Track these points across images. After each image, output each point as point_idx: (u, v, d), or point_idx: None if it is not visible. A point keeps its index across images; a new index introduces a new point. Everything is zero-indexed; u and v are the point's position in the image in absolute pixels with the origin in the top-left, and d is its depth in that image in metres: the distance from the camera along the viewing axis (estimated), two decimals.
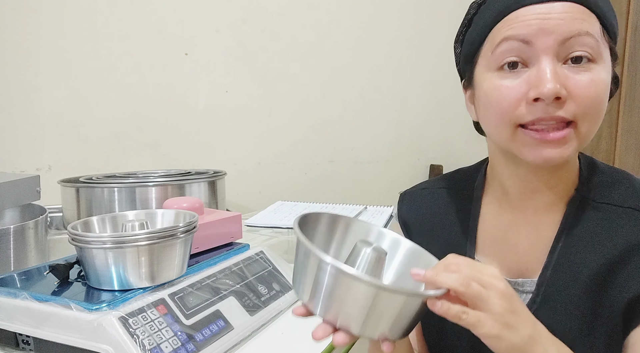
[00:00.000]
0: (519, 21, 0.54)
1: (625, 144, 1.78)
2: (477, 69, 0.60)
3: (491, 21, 0.57)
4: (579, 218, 0.60)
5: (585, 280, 0.57)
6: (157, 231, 0.62)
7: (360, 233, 0.57)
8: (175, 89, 1.61)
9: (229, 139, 1.68)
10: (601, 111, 0.54)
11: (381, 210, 1.19)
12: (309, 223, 0.52)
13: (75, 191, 1.15)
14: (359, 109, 1.78)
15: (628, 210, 0.58)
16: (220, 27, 1.62)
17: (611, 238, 0.57)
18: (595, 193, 0.61)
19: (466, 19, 0.63)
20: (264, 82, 1.69)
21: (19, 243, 0.81)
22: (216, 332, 0.64)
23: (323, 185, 1.77)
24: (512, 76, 0.55)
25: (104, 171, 1.47)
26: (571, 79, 0.52)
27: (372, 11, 1.74)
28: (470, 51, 0.61)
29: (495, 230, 0.67)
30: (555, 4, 0.53)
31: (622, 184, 0.61)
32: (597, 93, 0.53)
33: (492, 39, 0.57)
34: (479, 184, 0.71)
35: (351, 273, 0.41)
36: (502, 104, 0.55)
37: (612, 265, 0.56)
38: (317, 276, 0.43)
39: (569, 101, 0.52)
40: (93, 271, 0.62)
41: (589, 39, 0.52)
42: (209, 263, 0.76)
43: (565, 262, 0.59)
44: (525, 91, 0.53)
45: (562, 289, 0.58)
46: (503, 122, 0.56)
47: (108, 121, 1.55)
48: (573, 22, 0.52)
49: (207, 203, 1.25)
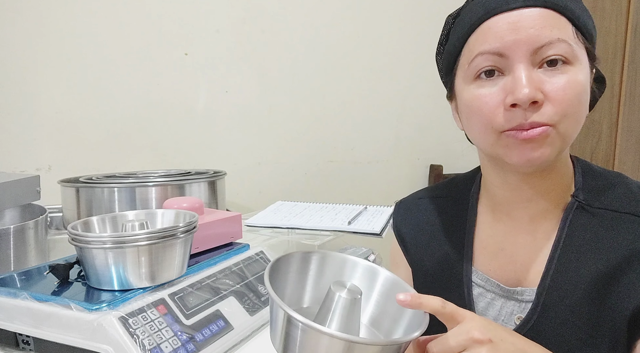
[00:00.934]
0: (492, 33, 0.54)
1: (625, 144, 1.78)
2: (457, 81, 0.61)
3: (465, 33, 0.58)
4: (576, 225, 0.59)
5: (585, 288, 0.56)
6: (157, 231, 0.62)
7: (335, 266, 0.56)
8: (175, 89, 1.61)
9: (229, 139, 1.68)
10: (580, 112, 0.55)
11: (381, 210, 1.19)
12: (280, 268, 0.51)
13: (75, 191, 1.15)
14: (359, 109, 1.78)
15: (626, 216, 0.57)
16: (220, 27, 1.62)
17: (610, 245, 0.57)
18: (591, 198, 0.60)
19: (443, 33, 0.64)
20: (264, 82, 1.69)
21: (19, 243, 0.81)
22: (216, 332, 0.64)
23: (323, 185, 1.77)
24: (489, 84, 0.56)
25: (104, 171, 1.47)
26: (547, 83, 0.53)
27: (372, 11, 1.74)
28: (449, 63, 0.62)
29: (491, 239, 0.66)
30: (525, 10, 0.53)
31: (619, 188, 0.61)
32: (575, 94, 0.53)
33: (467, 52, 0.58)
34: (474, 192, 0.71)
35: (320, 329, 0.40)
36: (482, 112, 0.56)
37: (612, 272, 0.55)
38: (287, 330, 0.43)
39: (546, 104, 0.53)
40: (93, 271, 0.62)
41: (562, 45, 0.52)
42: (209, 263, 0.76)
43: (564, 270, 0.58)
44: (503, 98, 0.54)
45: (562, 298, 0.58)
46: (486, 130, 0.57)
47: (108, 121, 1.55)
48: (543, 31, 0.52)
49: (207, 203, 1.25)
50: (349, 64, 1.74)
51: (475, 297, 0.66)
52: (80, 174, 1.31)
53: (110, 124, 1.56)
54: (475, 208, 0.69)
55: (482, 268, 0.66)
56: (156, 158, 1.61)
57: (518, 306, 0.62)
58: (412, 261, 0.75)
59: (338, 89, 1.75)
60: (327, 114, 1.75)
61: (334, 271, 0.55)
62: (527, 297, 0.61)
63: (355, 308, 0.47)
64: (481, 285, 0.66)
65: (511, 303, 0.63)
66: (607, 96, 1.79)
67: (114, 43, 1.53)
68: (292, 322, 0.42)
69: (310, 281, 0.55)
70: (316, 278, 0.55)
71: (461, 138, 0.71)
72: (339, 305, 0.46)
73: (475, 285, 0.66)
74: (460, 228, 0.69)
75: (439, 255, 0.70)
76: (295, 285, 0.53)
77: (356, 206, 1.24)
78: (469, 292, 0.66)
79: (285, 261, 0.52)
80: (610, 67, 1.77)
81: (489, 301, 0.65)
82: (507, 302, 0.63)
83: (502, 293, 0.64)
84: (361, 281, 0.54)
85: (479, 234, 0.68)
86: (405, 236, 0.76)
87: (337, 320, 0.46)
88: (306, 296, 0.54)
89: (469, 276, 0.66)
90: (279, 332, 0.44)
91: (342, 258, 0.56)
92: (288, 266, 0.53)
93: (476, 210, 0.69)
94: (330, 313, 0.46)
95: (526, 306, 0.61)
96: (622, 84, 1.77)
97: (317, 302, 0.51)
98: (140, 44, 1.56)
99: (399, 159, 1.83)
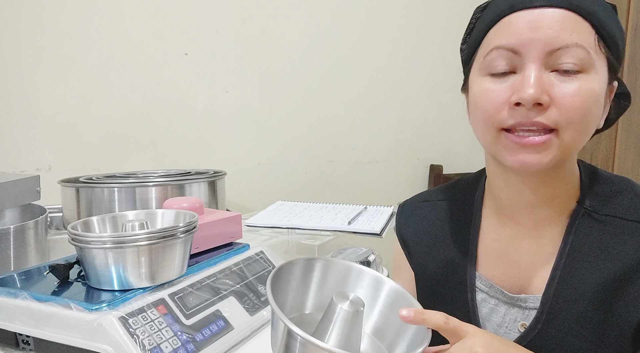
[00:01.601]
0: (511, 28, 0.54)
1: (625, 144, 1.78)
2: (472, 73, 0.61)
3: (486, 26, 0.57)
4: (582, 232, 0.58)
5: (591, 297, 0.55)
6: (157, 231, 0.62)
7: (340, 273, 0.55)
8: (175, 89, 1.61)
9: (229, 139, 1.68)
10: (588, 122, 0.53)
11: (381, 210, 1.19)
12: (282, 275, 0.51)
13: (75, 191, 1.14)
14: (358, 109, 1.78)
15: (633, 223, 0.56)
16: (220, 27, 1.62)
17: (617, 253, 0.56)
18: (597, 204, 0.59)
19: (471, 24, 0.63)
20: (264, 82, 1.69)
21: (19, 243, 0.81)
22: (216, 332, 0.64)
23: (323, 185, 1.77)
24: (499, 81, 0.55)
25: (104, 171, 1.47)
26: (556, 87, 0.52)
27: (373, 11, 1.74)
28: (469, 54, 0.62)
29: (496, 244, 0.65)
30: (548, 10, 0.52)
31: (626, 194, 0.59)
32: (583, 103, 0.51)
33: (485, 44, 0.57)
34: (479, 195, 0.69)
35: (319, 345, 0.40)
36: (487, 107, 0.55)
37: (619, 281, 0.54)
38: (287, 342, 0.43)
39: (552, 108, 0.52)
40: (93, 271, 0.62)
41: (579, 51, 0.51)
42: (209, 263, 0.76)
43: (569, 278, 0.57)
44: (509, 96, 0.53)
45: (567, 306, 0.57)
46: (487, 126, 0.56)
47: (108, 121, 1.55)
48: (561, 33, 0.51)
49: (207, 203, 1.25)
50: (349, 64, 1.74)
51: (478, 303, 0.65)
52: (80, 174, 1.31)
53: (110, 124, 1.56)
54: (480, 212, 0.68)
55: (486, 273, 0.66)
56: (156, 158, 1.61)
57: (522, 314, 0.61)
58: (415, 265, 0.74)
59: (338, 89, 1.75)
60: (327, 114, 1.75)
61: (338, 278, 0.55)
62: (531, 304, 0.60)
63: (356, 321, 0.46)
64: (485, 291, 0.65)
65: (515, 310, 0.62)
66: None
67: (114, 43, 1.53)
68: (292, 335, 0.42)
69: (313, 288, 0.54)
70: (320, 284, 0.54)
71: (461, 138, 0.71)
72: (340, 317, 0.46)
73: (479, 290, 0.65)
74: (464, 232, 0.68)
75: (443, 259, 0.69)
76: (297, 291, 0.53)
77: (356, 206, 1.24)
78: (472, 297, 0.65)
79: (288, 268, 0.52)
80: None
81: (492, 306, 0.64)
82: (510, 309, 0.62)
83: (505, 299, 0.63)
84: (366, 290, 0.54)
85: (483, 238, 0.67)
86: (408, 240, 0.75)
87: (337, 332, 0.46)
88: (309, 303, 0.54)
89: (472, 281, 0.66)
90: (278, 342, 0.44)
91: (347, 265, 0.55)
92: (291, 273, 0.53)
93: (481, 214, 0.68)
94: (331, 324, 0.46)
95: (530, 313, 0.60)
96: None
97: (320, 309, 0.51)
98: (140, 44, 1.56)
99: (399, 159, 1.83)
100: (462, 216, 0.70)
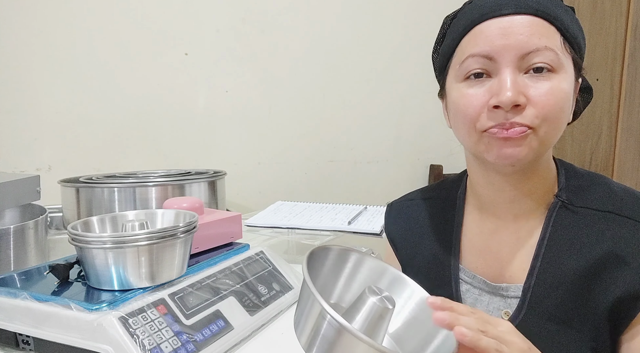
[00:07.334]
0: (483, 36, 0.57)
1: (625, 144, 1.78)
2: (448, 79, 0.64)
3: (459, 35, 0.60)
4: (560, 223, 0.62)
5: (569, 284, 0.58)
6: (157, 231, 0.62)
7: (373, 272, 0.54)
8: (175, 89, 1.61)
9: (229, 139, 1.68)
10: (561, 118, 0.57)
11: (381, 210, 1.19)
12: (315, 259, 0.49)
13: (75, 191, 1.15)
14: (359, 109, 1.78)
15: (607, 214, 0.60)
16: (220, 27, 1.62)
17: (593, 243, 0.59)
18: (573, 197, 0.63)
19: (441, 33, 0.67)
20: (264, 82, 1.69)
21: (19, 243, 0.81)
22: (216, 332, 0.64)
23: (323, 185, 1.77)
24: (477, 85, 0.58)
25: (104, 171, 1.47)
26: (531, 88, 0.55)
27: (373, 11, 1.74)
28: (443, 62, 0.65)
29: (477, 238, 0.69)
30: (516, 17, 0.55)
31: (600, 187, 0.63)
32: (557, 101, 0.55)
33: (459, 53, 0.61)
34: (461, 193, 0.73)
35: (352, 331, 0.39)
36: (467, 111, 0.58)
37: (594, 268, 0.57)
38: (317, 323, 0.41)
39: (528, 108, 0.55)
40: (93, 271, 0.62)
41: (548, 53, 0.55)
42: (209, 263, 0.76)
43: (549, 268, 0.60)
44: (488, 99, 0.57)
45: (547, 294, 0.60)
46: (469, 129, 0.59)
47: (108, 121, 1.55)
48: (532, 38, 0.55)
49: (207, 203, 1.25)
50: (349, 64, 1.74)
51: (463, 293, 0.68)
52: (80, 174, 1.31)
53: (110, 124, 1.56)
54: (463, 208, 0.72)
55: (469, 266, 0.69)
56: (156, 158, 1.61)
57: (504, 302, 0.64)
58: (402, 259, 0.78)
59: (338, 89, 1.75)
60: (327, 114, 1.75)
61: (370, 276, 0.53)
62: (512, 293, 0.63)
63: (384, 318, 0.45)
64: (468, 282, 0.68)
65: (497, 298, 0.65)
66: (607, 96, 1.79)
67: (114, 43, 1.53)
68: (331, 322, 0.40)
69: (342, 279, 0.53)
70: (349, 277, 0.54)
71: None
72: (369, 309, 0.45)
73: (463, 281, 0.69)
74: (448, 228, 0.72)
75: (429, 254, 0.73)
76: (326, 279, 0.52)
77: (356, 206, 1.24)
78: (456, 288, 0.68)
79: (324, 253, 0.51)
80: (610, 67, 1.77)
81: (476, 296, 0.67)
82: (493, 298, 0.65)
83: (487, 289, 0.66)
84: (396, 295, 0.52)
85: (466, 233, 0.71)
86: (395, 237, 0.80)
87: (362, 324, 0.45)
88: (335, 292, 0.53)
89: (456, 274, 0.69)
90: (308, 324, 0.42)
91: (383, 266, 0.54)
92: (326, 259, 0.52)
93: (463, 210, 0.72)
94: (359, 315, 0.45)
95: (512, 301, 0.63)
96: (622, 84, 1.77)
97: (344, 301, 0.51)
98: (141, 44, 1.56)
99: (399, 159, 1.83)
100: (446, 213, 0.74)
